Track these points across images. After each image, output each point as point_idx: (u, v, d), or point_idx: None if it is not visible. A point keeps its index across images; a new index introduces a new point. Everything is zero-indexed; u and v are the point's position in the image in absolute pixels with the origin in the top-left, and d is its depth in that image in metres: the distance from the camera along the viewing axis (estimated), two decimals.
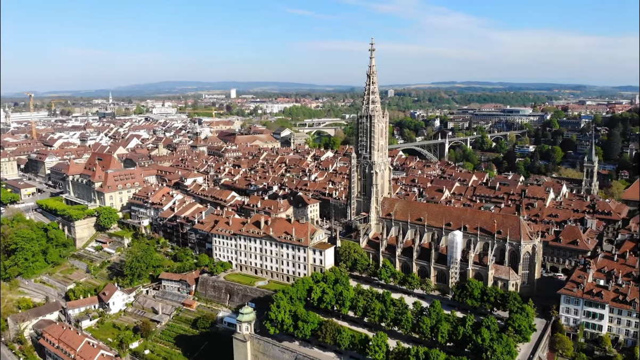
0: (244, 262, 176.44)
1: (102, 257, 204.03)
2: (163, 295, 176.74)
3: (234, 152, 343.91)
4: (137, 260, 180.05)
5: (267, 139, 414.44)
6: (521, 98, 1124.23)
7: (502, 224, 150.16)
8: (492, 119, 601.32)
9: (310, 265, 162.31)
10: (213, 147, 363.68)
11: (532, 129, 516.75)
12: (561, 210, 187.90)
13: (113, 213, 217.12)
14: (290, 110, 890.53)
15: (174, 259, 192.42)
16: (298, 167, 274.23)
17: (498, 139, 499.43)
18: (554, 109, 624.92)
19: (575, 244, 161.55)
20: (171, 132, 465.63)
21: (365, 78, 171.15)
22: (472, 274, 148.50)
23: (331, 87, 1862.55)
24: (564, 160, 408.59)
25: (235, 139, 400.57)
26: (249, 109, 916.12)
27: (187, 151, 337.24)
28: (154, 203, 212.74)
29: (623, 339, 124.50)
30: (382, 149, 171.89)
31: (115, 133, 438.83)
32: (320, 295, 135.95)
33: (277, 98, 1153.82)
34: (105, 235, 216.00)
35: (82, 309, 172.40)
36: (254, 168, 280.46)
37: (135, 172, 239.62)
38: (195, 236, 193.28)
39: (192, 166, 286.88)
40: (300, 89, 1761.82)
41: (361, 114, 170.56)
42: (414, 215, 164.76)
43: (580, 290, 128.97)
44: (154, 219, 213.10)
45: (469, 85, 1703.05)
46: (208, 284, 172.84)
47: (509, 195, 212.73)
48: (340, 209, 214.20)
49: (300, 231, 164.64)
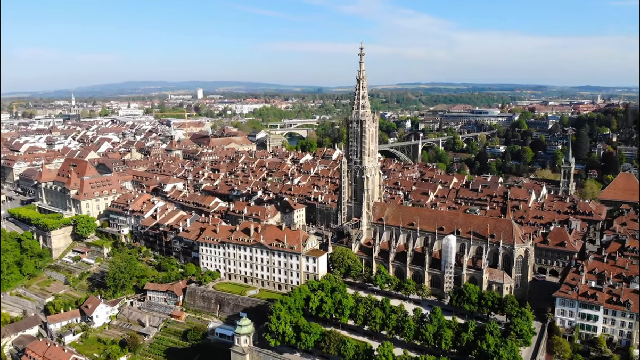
0: (233, 271, 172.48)
1: (81, 267, 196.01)
2: (149, 307, 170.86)
3: (210, 155, 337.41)
4: (121, 270, 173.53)
5: (242, 142, 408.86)
6: (486, 99, 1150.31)
7: (494, 228, 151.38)
8: (462, 120, 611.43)
9: (303, 273, 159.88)
10: (188, 151, 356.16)
11: (502, 130, 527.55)
12: (545, 212, 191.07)
13: (91, 222, 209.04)
14: (261, 111, 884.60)
15: (158, 268, 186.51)
16: (279, 171, 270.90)
17: (469, 140, 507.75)
18: (522, 110, 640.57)
19: (563, 245, 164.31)
20: (141, 135, 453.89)
21: (354, 81, 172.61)
22: (467, 278, 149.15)
23: (299, 88, 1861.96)
24: (534, 161, 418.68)
25: (210, 142, 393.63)
26: (218, 109, 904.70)
27: (161, 155, 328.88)
28: (134, 211, 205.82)
29: (617, 339, 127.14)
30: (372, 154, 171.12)
31: (84, 136, 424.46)
32: (319, 304, 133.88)
33: (245, 99, 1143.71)
34: (83, 245, 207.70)
35: (63, 323, 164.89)
36: (234, 172, 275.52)
37: (112, 179, 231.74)
38: (180, 245, 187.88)
39: (168, 171, 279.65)
40: (267, 89, 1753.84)
41: (351, 119, 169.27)
42: (405, 219, 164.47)
43: (575, 292, 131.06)
44: (135, 227, 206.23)
45: (434, 86, 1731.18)
46: (197, 294, 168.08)
47: (491, 197, 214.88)
48: (327, 213, 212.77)
49: (292, 238, 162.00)
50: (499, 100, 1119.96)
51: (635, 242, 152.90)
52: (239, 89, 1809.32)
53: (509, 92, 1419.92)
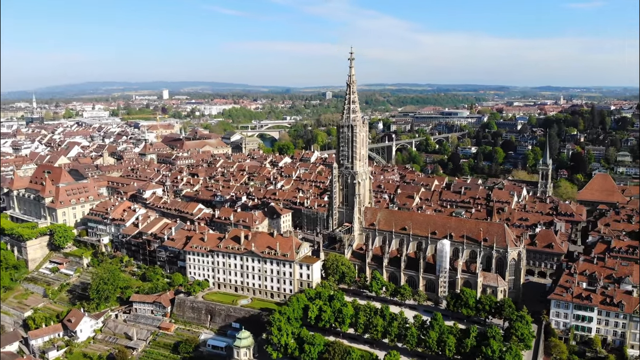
0: (222, 280, 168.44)
1: (60, 279, 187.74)
2: (135, 319, 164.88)
3: (186, 159, 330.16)
4: (104, 282, 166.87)
5: (217, 144, 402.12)
6: (452, 100, 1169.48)
7: (487, 232, 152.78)
8: (432, 122, 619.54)
9: (296, 281, 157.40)
10: (162, 154, 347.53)
11: (472, 131, 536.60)
12: (530, 214, 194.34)
13: (68, 231, 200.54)
14: (230, 112, 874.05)
15: (142, 278, 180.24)
16: (261, 175, 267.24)
17: (441, 141, 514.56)
18: (489, 111, 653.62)
19: (551, 247, 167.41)
20: (110, 138, 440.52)
21: (345, 86, 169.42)
22: (461, 282, 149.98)
23: (266, 88, 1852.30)
24: (505, 161, 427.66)
25: (184, 145, 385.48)
26: (186, 110, 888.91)
27: (135, 159, 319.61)
28: (114, 219, 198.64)
29: (611, 339, 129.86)
30: (363, 159, 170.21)
31: (50, 140, 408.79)
32: (318, 313, 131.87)
33: (213, 99, 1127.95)
34: (61, 255, 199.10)
35: (45, 338, 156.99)
36: (214, 177, 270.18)
37: (88, 185, 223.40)
38: (165, 254, 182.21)
39: (145, 176, 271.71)
40: (233, 89, 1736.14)
41: (342, 124, 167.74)
42: (398, 224, 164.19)
43: (570, 294, 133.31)
44: (115, 236, 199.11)
45: (400, 87, 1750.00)
46: (186, 305, 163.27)
47: (474, 199, 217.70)
48: (313, 218, 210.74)
49: (284, 245, 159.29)
50: (464, 101, 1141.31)
51: (621, 243, 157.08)
52: (205, 89, 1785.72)
53: (473, 93, 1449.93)
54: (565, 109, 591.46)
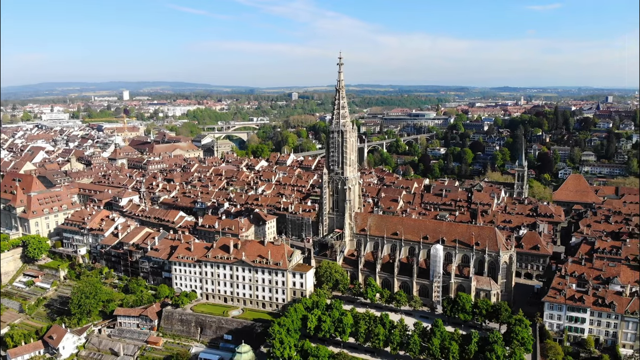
0: (211, 291, 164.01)
1: (36, 293, 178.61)
2: (120, 334, 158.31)
3: (158, 164, 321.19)
4: (86, 295, 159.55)
5: (188, 148, 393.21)
6: (415, 101, 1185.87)
7: (479, 236, 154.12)
8: (401, 123, 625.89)
9: (289, 290, 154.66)
10: (133, 159, 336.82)
11: (440, 132, 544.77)
12: (513, 216, 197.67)
13: (43, 242, 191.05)
14: (195, 113, 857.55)
15: (124, 290, 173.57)
16: (240, 179, 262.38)
17: (410, 143, 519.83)
18: (455, 112, 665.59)
19: (537, 249, 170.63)
20: (74, 142, 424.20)
21: (333, 92, 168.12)
22: (455, 287, 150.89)
23: (229, 88, 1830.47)
24: (474, 162, 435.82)
25: (154, 149, 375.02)
26: (149, 112, 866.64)
27: (105, 165, 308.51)
28: (92, 229, 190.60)
29: (603, 339, 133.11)
30: (353, 164, 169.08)
31: (12, 145, 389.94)
32: (317, 323, 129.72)
33: (175, 100, 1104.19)
34: (35, 268, 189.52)
35: (26, 356, 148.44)
36: (190, 182, 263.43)
37: (61, 194, 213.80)
38: (148, 265, 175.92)
39: (118, 182, 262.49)
40: (195, 89, 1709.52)
41: (332, 129, 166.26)
42: (389, 229, 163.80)
43: (563, 296, 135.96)
44: (94, 247, 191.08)
45: (362, 88, 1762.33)
46: (174, 318, 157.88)
47: (456, 201, 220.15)
48: (298, 223, 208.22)
49: (276, 254, 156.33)
50: (427, 102, 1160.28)
51: (605, 244, 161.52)
52: (166, 89, 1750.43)
53: (435, 94, 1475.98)
54: (528, 110, 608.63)
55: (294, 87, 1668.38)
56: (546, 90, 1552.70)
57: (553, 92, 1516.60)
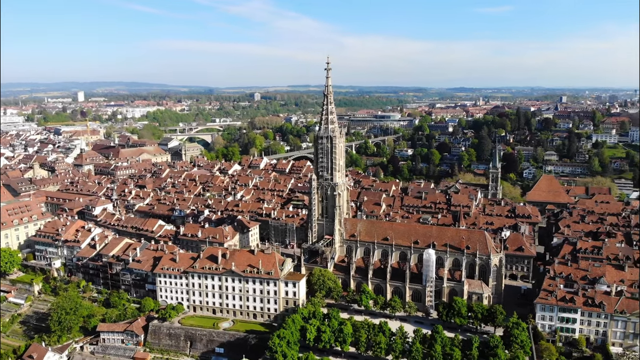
0: (198, 303, 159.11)
1: (10, 309, 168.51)
2: (104, 351, 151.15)
3: (126, 169, 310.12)
4: (66, 311, 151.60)
5: (155, 152, 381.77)
6: (376, 102, 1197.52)
7: (469, 240, 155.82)
8: (367, 125, 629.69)
9: (282, 299, 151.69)
10: (100, 165, 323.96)
11: (406, 134, 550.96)
12: (494, 218, 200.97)
13: (14, 255, 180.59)
14: (155, 114, 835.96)
15: (105, 304, 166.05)
16: (215, 185, 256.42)
17: (378, 144, 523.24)
18: (419, 114, 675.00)
19: (521, 250, 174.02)
20: (34, 146, 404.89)
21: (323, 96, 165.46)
22: (447, 291, 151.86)
23: (186, 88, 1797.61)
24: (441, 162, 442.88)
25: (120, 153, 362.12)
26: (106, 114, 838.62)
27: (72, 171, 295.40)
28: (67, 240, 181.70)
29: (594, 338, 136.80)
30: (341, 169, 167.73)
31: None
32: (317, 334, 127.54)
33: (133, 100, 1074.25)
34: (7, 283, 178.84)
35: None
36: (164, 188, 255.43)
37: (31, 204, 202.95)
38: (130, 277, 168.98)
39: (87, 190, 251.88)
40: (151, 89, 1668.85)
41: (320, 135, 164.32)
42: (379, 235, 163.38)
43: (554, 298, 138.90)
44: (69, 259, 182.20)
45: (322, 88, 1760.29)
46: (161, 332, 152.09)
47: (435, 204, 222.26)
48: (282, 229, 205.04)
49: (267, 262, 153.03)
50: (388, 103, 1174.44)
51: (586, 244, 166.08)
52: (121, 89, 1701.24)
53: (394, 95, 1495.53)
54: (489, 111, 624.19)
55: (254, 87, 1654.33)
56: (500, 91, 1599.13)
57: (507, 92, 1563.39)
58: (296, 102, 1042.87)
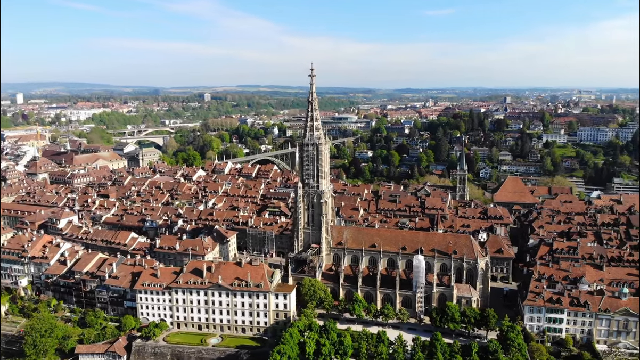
0: (183, 319, 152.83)
1: None
2: None
3: (84, 177, 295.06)
4: (41, 334, 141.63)
5: (111, 158, 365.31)
6: (328, 103, 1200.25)
7: (455, 244, 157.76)
8: (325, 127, 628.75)
9: (272, 312, 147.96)
10: (55, 173, 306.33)
11: (364, 135, 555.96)
12: (470, 220, 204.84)
13: None
14: (101, 116, 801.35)
15: (80, 324, 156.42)
16: (183, 192, 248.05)
17: (338, 146, 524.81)
18: (375, 116, 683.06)
19: (501, 252, 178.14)
20: None
21: None
22: (437, 296, 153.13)
23: (130, 88, 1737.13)
24: (401, 164, 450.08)
25: (74, 160, 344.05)
26: (49, 116, 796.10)
27: (26, 181, 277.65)
28: (34, 257, 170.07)
29: (579, 337, 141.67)
30: (327, 176, 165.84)
31: None
32: (316, 347, 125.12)
33: (76, 102, 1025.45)
34: None
35: None
36: (129, 197, 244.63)
37: None
38: (107, 294, 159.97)
39: (46, 201, 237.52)
40: (92, 89, 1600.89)
41: (306, 142, 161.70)
42: (367, 242, 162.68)
43: (542, 299, 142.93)
44: (37, 277, 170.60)
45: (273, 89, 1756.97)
46: (146, 352, 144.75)
47: (410, 207, 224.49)
48: (260, 238, 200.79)
49: (255, 275, 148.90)
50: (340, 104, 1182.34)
51: (562, 244, 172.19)
52: (60, 90, 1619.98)
53: (344, 96, 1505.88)
54: (442, 112, 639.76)
55: (202, 87, 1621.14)
56: (445, 91, 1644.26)
57: (451, 92, 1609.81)
58: (248, 103, 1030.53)
